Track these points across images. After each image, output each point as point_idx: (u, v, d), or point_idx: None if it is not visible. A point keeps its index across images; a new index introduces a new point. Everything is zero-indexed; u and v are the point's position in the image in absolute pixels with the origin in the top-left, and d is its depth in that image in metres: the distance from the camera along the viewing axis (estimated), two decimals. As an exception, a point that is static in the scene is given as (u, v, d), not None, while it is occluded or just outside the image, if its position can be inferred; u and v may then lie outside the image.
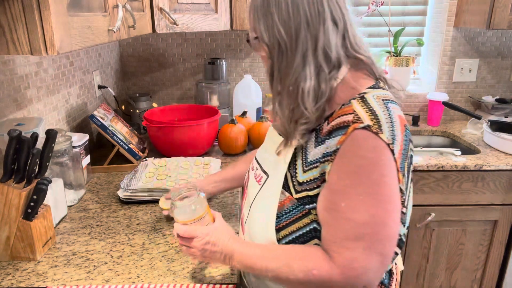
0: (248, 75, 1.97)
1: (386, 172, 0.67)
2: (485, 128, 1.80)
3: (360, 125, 0.68)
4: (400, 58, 2.10)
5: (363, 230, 0.67)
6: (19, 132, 0.87)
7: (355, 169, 0.68)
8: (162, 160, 1.45)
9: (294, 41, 0.73)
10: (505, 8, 1.67)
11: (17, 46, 0.72)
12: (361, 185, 0.67)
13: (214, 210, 1.19)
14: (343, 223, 0.69)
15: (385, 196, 0.67)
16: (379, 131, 0.67)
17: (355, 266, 0.68)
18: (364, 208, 0.67)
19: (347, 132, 0.68)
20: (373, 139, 0.67)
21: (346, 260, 0.68)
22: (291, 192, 0.76)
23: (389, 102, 0.74)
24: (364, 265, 0.68)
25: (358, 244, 0.68)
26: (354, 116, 0.69)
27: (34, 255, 0.95)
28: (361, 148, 0.68)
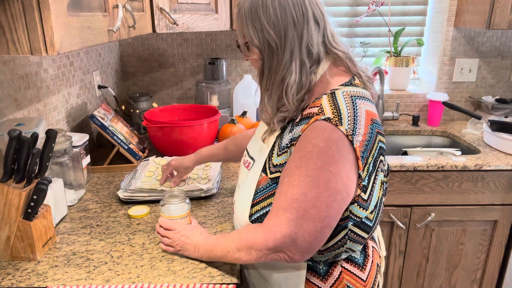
0: (248, 75, 1.98)
1: (334, 162, 0.75)
2: (485, 128, 1.80)
3: (321, 117, 0.76)
4: (400, 58, 2.10)
5: (292, 204, 0.77)
6: (19, 132, 0.87)
7: (305, 153, 0.76)
8: (163, 159, 1.45)
9: (283, 41, 0.81)
10: (505, 8, 1.67)
11: (17, 46, 0.72)
12: (304, 168, 0.76)
13: (214, 209, 1.20)
14: (280, 195, 0.79)
15: (322, 182, 0.75)
16: (338, 123, 0.75)
17: (275, 231, 0.78)
18: (299, 187, 0.76)
19: (309, 122, 0.77)
20: (330, 130, 0.75)
21: (270, 224, 0.79)
22: (267, 172, 0.86)
23: (357, 98, 0.80)
24: (283, 232, 0.77)
25: (285, 214, 0.77)
26: (319, 109, 0.78)
27: (34, 255, 0.95)
28: (315, 137, 0.76)
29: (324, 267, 0.88)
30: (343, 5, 2.13)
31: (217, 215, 1.17)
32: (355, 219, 0.82)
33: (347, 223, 0.81)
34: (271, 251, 0.79)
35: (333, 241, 0.83)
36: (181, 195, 0.99)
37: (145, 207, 1.20)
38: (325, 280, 0.87)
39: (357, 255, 0.90)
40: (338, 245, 0.84)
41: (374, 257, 0.93)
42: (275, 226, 0.78)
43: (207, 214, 1.18)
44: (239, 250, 0.83)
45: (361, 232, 0.84)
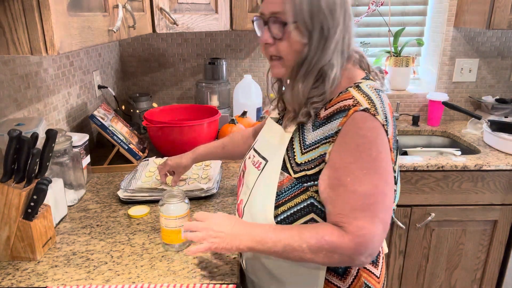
0: (248, 75, 1.98)
1: (382, 149, 0.75)
2: (485, 128, 1.80)
3: (359, 107, 0.76)
4: (400, 58, 2.10)
5: (368, 200, 0.74)
6: (19, 132, 0.87)
7: (355, 147, 0.75)
8: (163, 160, 1.45)
9: (333, 29, 0.79)
10: (505, 8, 1.67)
11: (17, 46, 0.72)
12: (361, 161, 0.75)
13: (214, 209, 1.20)
14: (349, 196, 0.75)
15: (383, 169, 0.75)
16: (375, 113, 0.75)
17: (363, 233, 0.74)
18: (368, 181, 0.74)
19: (347, 114, 0.76)
20: (371, 120, 0.75)
21: (355, 228, 0.74)
22: (290, 172, 0.83)
23: (379, 91, 0.81)
24: (371, 233, 0.74)
25: (365, 213, 0.74)
26: (353, 100, 0.77)
27: (34, 255, 0.95)
28: (361, 128, 0.75)
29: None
30: (343, 5, 2.13)
31: (217, 215, 1.17)
32: None
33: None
34: (356, 256, 0.75)
35: None
36: (180, 195, 0.99)
37: (145, 207, 1.20)
38: (344, 279, 0.86)
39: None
40: None
41: (383, 254, 0.94)
42: (362, 230, 0.74)
43: (207, 214, 1.18)
44: (316, 252, 0.76)
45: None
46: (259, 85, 1.99)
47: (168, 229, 0.98)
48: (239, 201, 0.97)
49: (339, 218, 0.76)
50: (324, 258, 0.77)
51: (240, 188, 0.99)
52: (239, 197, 0.98)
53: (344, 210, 0.76)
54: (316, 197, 0.81)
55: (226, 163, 1.55)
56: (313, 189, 0.81)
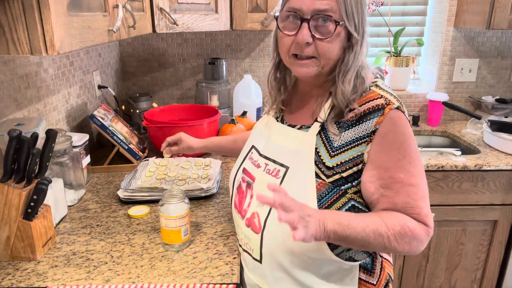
0: (248, 75, 1.97)
1: (415, 142, 0.81)
2: (485, 128, 1.80)
3: (393, 106, 0.78)
4: (400, 58, 2.10)
5: (423, 190, 0.80)
6: (19, 132, 0.87)
7: (399, 144, 0.78)
8: (163, 160, 1.45)
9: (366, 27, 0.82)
10: (505, 8, 1.67)
11: (17, 46, 0.72)
12: (408, 156, 0.78)
13: (214, 209, 1.20)
14: (409, 189, 0.78)
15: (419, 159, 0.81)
16: (404, 110, 0.80)
17: (431, 221, 0.80)
18: (418, 172, 0.79)
19: (384, 113, 0.78)
20: (404, 117, 0.79)
21: (425, 217, 0.79)
22: (322, 177, 0.80)
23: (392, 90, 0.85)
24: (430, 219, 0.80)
25: (425, 202, 0.80)
26: (385, 99, 0.79)
27: (34, 255, 0.95)
28: (399, 126, 0.78)
29: (369, 260, 0.88)
30: (343, 5, 2.13)
31: (217, 215, 1.17)
32: None
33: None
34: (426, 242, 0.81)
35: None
36: (180, 195, 1.00)
37: (145, 207, 1.20)
38: (373, 274, 0.88)
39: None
40: None
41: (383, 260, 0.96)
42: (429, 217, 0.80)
43: (207, 214, 1.18)
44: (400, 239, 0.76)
45: None
46: (259, 85, 1.99)
47: (168, 229, 0.98)
48: (250, 215, 0.88)
49: (406, 210, 0.79)
50: (405, 245, 0.77)
51: (244, 200, 0.91)
52: (247, 210, 0.90)
53: (408, 203, 0.78)
54: (356, 198, 0.81)
55: (226, 163, 1.55)
56: (351, 191, 0.81)
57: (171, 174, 1.34)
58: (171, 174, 1.34)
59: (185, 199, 1.00)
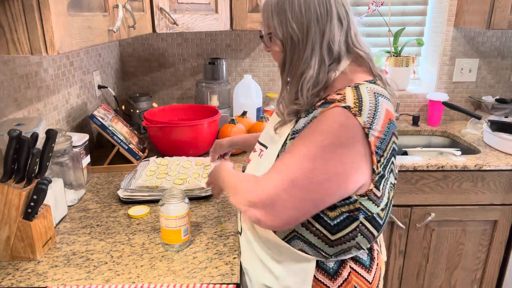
0: (248, 75, 1.97)
1: (341, 145, 0.76)
2: (485, 128, 1.80)
3: (342, 104, 0.77)
4: (400, 58, 2.10)
5: (286, 168, 0.78)
6: (19, 132, 0.87)
7: (316, 129, 0.79)
8: (164, 159, 1.46)
9: (305, 36, 0.83)
10: (505, 8, 1.67)
11: (17, 46, 0.72)
12: (310, 142, 0.78)
13: (214, 209, 1.20)
14: (279, 160, 0.83)
15: (321, 160, 0.76)
16: (357, 113, 0.76)
17: (261, 187, 0.80)
18: (299, 156, 0.78)
19: (329, 107, 0.79)
20: (347, 117, 0.76)
21: (261, 179, 0.82)
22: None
23: (380, 95, 0.81)
24: (267, 190, 0.78)
25: (276, 176, 0.79)
26: (341, 97, 0.79)
27: (34, 255, 0.95)
28: (331, 118, 0.77)
29: (334, 266, 0.87)
30: (343, 5, 2.13)
31: (217, 215, 1.17)
32: (367, 213, 0.82)
33: (358, 215, 0.81)
34: (249, 203, 0.80)
35: (345, 231, 0.82)
36: (180, 195, 1.00)
37: (145, 207, 1.20)
38: (334, 280, 0.87)
39: (364, 256, 0.90)
40: (349, 236, 0.83)
41: (379, 260, 0.94)
42: (263, 183, 0.80)
43: (207, 214, 1.18)
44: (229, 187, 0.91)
45: (372, 229, 0.85)
46: (259, 85, 1.99)
47: (168, 229, 0.98)
48: None
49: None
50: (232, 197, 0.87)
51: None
52: None
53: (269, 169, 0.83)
54: None
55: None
56: None
57: (172, 174, 1.34)
58: (172, 174, 1.34)
59: (185, 199, 1.00)
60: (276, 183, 0.78)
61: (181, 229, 0.98)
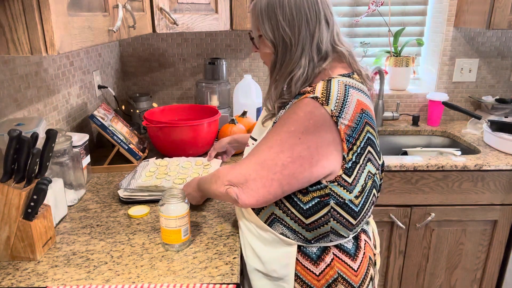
0: (248, 75, 1.97)
1: (307, 132, 0.82)
2: (485, 128, 1.80)
3: (311, 95, 0.83)
4: (400, 58, 2.10)
5: (257, 152, 0.88)
6: (19, 132, 0.87)
7: (285, 118, 0.86)
8: (163, 160, 1.46)
9: (296, 38, 0.86)
10: (505, 8, 1.67)
11: (17, 46, 0.72)
12: (279, 128, 0.86)
13: (214, 209, 1.20)
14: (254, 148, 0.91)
15: (288, 144, 0.84)
16: (324, 103, 0.82)
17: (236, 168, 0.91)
18: (268, 141, 0.87)
19: (300, 98, 0.85)
20: (315, 107, 0.82)
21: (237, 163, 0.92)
22: None
23: (351, 87, 0.86)
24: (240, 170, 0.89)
25: (249, 157, 0.89)
26: (311, 89, 0.85)
27: (34, 255, 0.95)
28: (298, 108, 0.84)
29: (317, 252, 0.91)
30: (343, 5, 2.13)
31: (217, 215, 1.17)
32: (338, 199, 0.86)
33: (328, 200, 0.86)
34: (227, 183, 0.91)
35: (317, 216, 0.87)
36: (180, 195, 1.00)
37: (145, 207, 1.20)
38: (316, 265, 0.91)
39: (349, 245, 0.93)
40: (322, 221, 0.88)
41: (366, 250, 0.97)
42: (238, 165, 0.91)
43: (207, 214, 1.18)
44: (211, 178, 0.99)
45: (345, 215, 0.89)
46: (259, 85, 1.99)
47: (168, 229, 0.98)
48: None
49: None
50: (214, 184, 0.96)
51: None
52: None
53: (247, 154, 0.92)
54: None
55: (226, 163, 1.55)
56: None
57: (171, 174, 1.34)
58: (172, 174, 1.34)
59: (185, 199, 1.00)
60: (249, 164, 0.88)
61: (181, 229, 0.98)
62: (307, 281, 0.92)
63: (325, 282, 0.91)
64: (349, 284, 0.92)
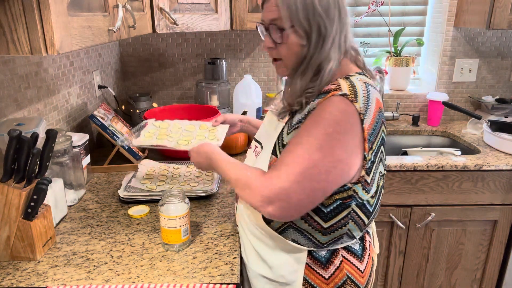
0: (248, 75, 1.97)
1: (344, 132, 0.78)
2: (485, 128, 1.80)
3: (339, 92, 0.80)
4: (400, 58, 2.10)
5: (295, 160, 0.79)
6: (19, 132, 0.87)
7: (318, 119, 0.80)
8: (164, 122, 1.34)
9: (330, 28, 0.83)
10: (505, 8, 1.67)
11: (17, 46, 0.72)
12: (315, 131, 0.79)
13: (214, 209, 1.20)
14: (286, 153, 0.82)
15: (328, 148, 0.78)
16: (354, 100, 0.79)
17: (274, 181, 0.79)
18: (306, 146, 0.79)
19: (326, 96, 0.81)
20: (346, 104, 0.78)
21: (272, 174, 0.81)
22: (277, 154, 0.88)
23: (370, 86, 0.84)
24: (281, 185, 0.78)
25: (287, 169, 0.79)
26: (336, 86, 0.82)
27: (34, 255, 0.95)
28: (331, 107, 0.79)
29: (326, 255, 0.89)
30: (343, 5, 2.13)
31: (217, 215, 1.17)
32: (358, 200, 0.85)
33: (350, 202, 0.84)
34: (264, 199, 0.80)
35: (337, 218, 0.85)
36: (180, 195, 1.00)
37: (145, 207, 1.20)
38: (326, 268, 0.89)
39: (356, 246, 0.92)
40: (341, 223, 0.86)
41: (370, 251, 0.96)
42: (275, 178, 0.79)
43: (207, 214, 1.18)
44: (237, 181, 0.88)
45: (362, 215, 0.87)
46: (259, 85, 1.99)
47: (168, 229, 0.98)
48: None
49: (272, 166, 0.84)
50: (239, 190, 0.87)
51: None
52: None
53: (277, 162, 0.83)
54: None
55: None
56: None
57: (173, 136, 1.26)
58: (174, 136, 1.26)
59: (185, 199, 1.00)
60: (289, 176, 0.78)
61: (181, 229, 0.98)
62: (316, 285, 0.89)
63: (334, 285, 0.89)
64: (356, 286, 0.90)
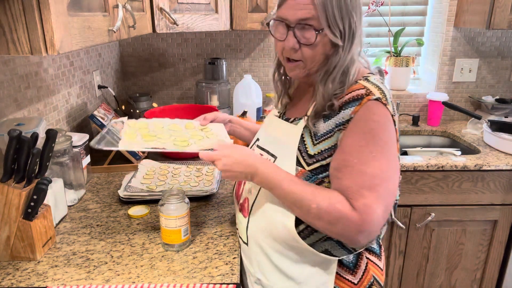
0: (248, 75, 1.98)
1: (391, 136, 0.79)
2: (485, 128, 1.80)
3: (372, 97, 0.79)
4: (400, 58, 2.10)
5: (374, 181, 0.77)
6: (19, 132, 0.87)
7: (368, 130, 0.78)
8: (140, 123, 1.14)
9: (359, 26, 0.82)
10: (505, 8, 1.67)
11: (17, 46, 0.72)
12: (372, 144, 0.77)
13: (214, 209, 1.20)
14: (357, 175, 0.78)
15: (391, 155, 0.79)
16: (386, 102, 0.79)
17: (369, 212, 0.76)
18: (375, 163, 0.77)
19: (361, 103, 0.79)
20: (383, 108, 0.79)
21: (362, 205, 0.76)
22: (303, 165, 0.84)
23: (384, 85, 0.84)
24: (375, 213, 0.76)
25: (372, 194, 0.76)
26: (366, 90, 0.80)
27: (34, 255, 0.95)
28: (374, 114, 0.78)
29: (353, 259, 0.87)
30: (343, 5, 2.13)
31: (217, 215, 1.17)
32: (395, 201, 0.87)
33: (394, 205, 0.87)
34: (362, 233, 0.77)
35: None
36: (180, 195, 1.00)
37: (145, 207, 1.20)
38: (354, 273, 0.87)
39: (374, 245, 0.91)
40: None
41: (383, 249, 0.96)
42: (367, 208, 0.76)
43: (207, 214, 1.18)
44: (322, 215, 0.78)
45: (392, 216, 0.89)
46: (259, 85, 1.99)
47: (168, 229, 0.98)
48: (243, 200, 0.97)
49: (347, 192, 0.78)
50: (326, 224, 0.79)
51: (241, 186, 0.99)
52: (241, 196, 0.99)
53: (351, 186, 0.78)
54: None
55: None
56: (327, 180, 0.83)
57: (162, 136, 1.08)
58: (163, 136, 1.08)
59: (185, 199, 1.00)
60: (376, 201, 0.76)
61: (181, 229, 0.98)
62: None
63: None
64: (380, 286, 0.90)
